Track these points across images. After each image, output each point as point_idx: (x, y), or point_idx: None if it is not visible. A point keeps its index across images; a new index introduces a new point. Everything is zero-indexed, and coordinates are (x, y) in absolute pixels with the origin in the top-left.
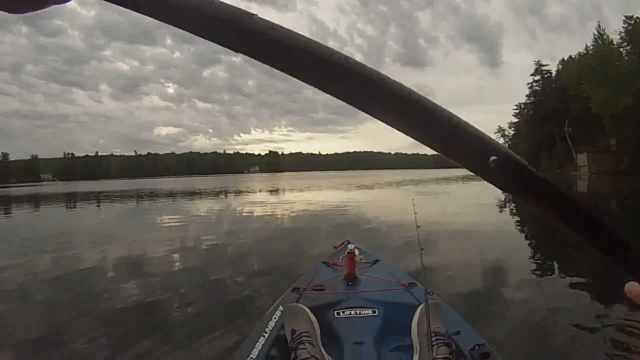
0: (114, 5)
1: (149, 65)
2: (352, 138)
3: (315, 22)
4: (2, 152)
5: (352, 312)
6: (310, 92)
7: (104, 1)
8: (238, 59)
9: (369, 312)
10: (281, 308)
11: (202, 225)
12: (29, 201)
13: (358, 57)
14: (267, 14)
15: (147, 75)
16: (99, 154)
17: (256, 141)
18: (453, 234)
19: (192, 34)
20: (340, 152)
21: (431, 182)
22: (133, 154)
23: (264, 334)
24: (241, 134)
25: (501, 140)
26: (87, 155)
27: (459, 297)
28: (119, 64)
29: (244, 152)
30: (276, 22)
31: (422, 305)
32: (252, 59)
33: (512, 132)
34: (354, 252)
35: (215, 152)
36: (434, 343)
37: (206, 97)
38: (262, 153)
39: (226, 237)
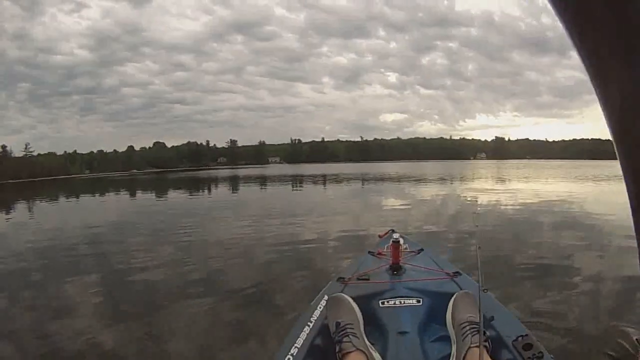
0: (322, 5)
1: (367, 57)
2: (578, 123)
3: None
4: (230, 139)
5: (397, 302)
6: (532, 74)
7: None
8: (455, 44)
9: (413, 301)
10: (326, 297)
11: (424, 209)
12: (258, 181)
13: None
14: None
15: (366, 66)
16: (325, 139)
17: (482, 126)
18: None
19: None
20: (567, 139)
21: None
22: (359, 139)
23: (309, 323)
24: (466, 119)
25: None
26: (313, 141)
27: None
28: (338, 58)
29: (469, 137)
30: None
31: (455, 294)
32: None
33: None
34: (399, 241)
35: (442, 138)
36: (468, 332)
37: (428, 84)
38: (488, 139)
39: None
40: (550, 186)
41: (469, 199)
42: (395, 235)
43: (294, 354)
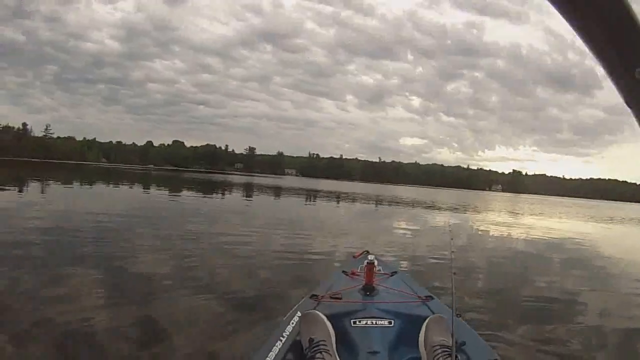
0: (353, 24)
1: (393, 79)
2: (595, 162)
3: (551, 34)
4: (249, 146)
5: (369, 322)
6: (554, 110)
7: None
8: (481, 73)
9: (385, 322)
10: (299, 314)
11: (436, 236)
12: (272, 191)
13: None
14: (500, 27)
15: (391, 88)
16: (343, 156)
17: (500, 158)
18: None
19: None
20: (584, 177)
21: None
22: (377, 160)
23: (281, 338)
24: (485, 150)
25: None
26: (331, 157)
27: None
28: (364, 77)
29: (487, 168)
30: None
31: (428, 318)
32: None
33: None
34: (374, 262)
35: (459, 166)
36: (440, 355)
37: (450, 111)
38: (506, 172)
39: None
40: (564, 224)
41: (479, 229)
42: (370, 257)
43: None
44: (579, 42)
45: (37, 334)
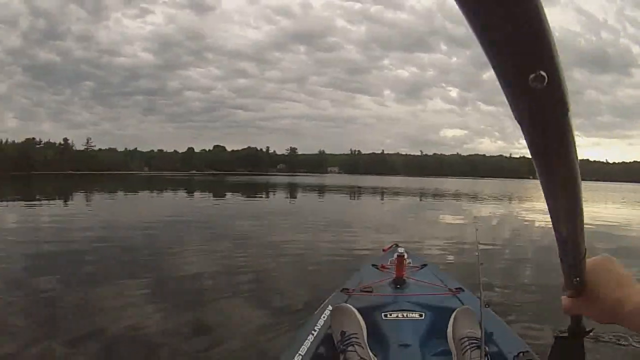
0: (383, 19)
1: (429, 71)
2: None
3: (582, 13)
4: (290, 147)
5: (399, 315)
6: (593, 93)
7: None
8: None
9: (416, 315)
10: (330, 307)
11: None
12: (316, 189)
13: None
14: None
15: (428, 80)
16: (385, 152)
17: None
18: None
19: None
20: (627, 160)
21: None
22: (419, 153)
23: (313, 332)
24: None
25: None
26: (373, 153)
27: None
28: (399, 71)
29: (529, 156)
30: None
31: (456, 310)
32: None
33: None
34: (404, 255)
35: (501, 156)
36: (468, 347)
37: (489, 100)
38: None
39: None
40: (611, 211)
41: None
42: (400, 250)
43: None
44: (612, 20)
45: (90, 336)
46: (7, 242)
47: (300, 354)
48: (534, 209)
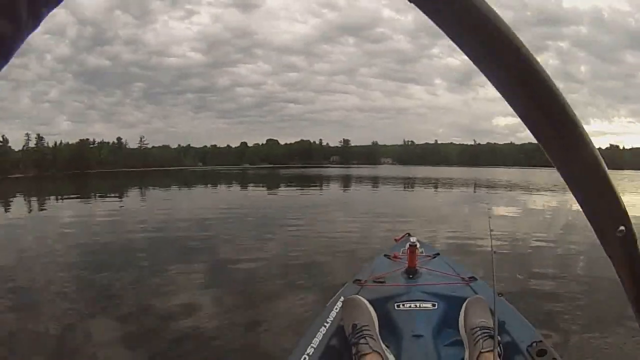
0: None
1: None
2: None
3: None
4: (343, 139)
5: (412, 305)
6: None
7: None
8: (565, 43)
9: (429, 305)
10: (342, 299)
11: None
12: (367, 180)
13: None
14: None
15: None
16: (438, 141)
17: (596, 133)
18: None
19: None
20: None
21: None
22: (472, 142)
23: (325, 324)
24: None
25: None
26: (426, 143)
27: None
28: (449, 59)
29: None
30: None
31: (467, 299)
32: None
33: None
34: (416, 245)
35: None
36: (480, 337)
37: None
38: (603, 147)
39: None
40: None
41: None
42: (412, 239)
43: (310, 354)
44: None
45: (143, 315)
46: (67, 234)
47: (312, 346)
48: None
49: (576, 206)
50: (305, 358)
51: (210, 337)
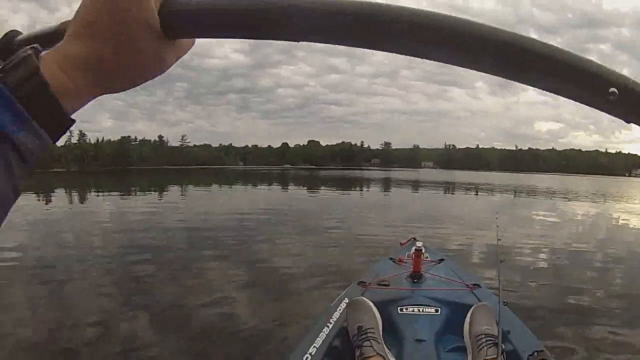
0: (469, 9)
1: None
2: None
3: None
4: (385, 142)
5: (415, 309)
6: None
7: None
8: (607, 46)
9: (432, 310)
10: (346, 300)
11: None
12: (407, 184)
13: None
14: None
15: None
16: (480, 146)
17: (638, 140)
18: None
19: None
20: None
21: None
22: (514, 147)
23: (329, 324)
24: (622, 131)
25: None
26: (467, 147)
27: None
28: None
29: (625, 151)
30: None
31: (473, 306)
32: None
33: None
34: (421, 249)
35: (597, 150)
36: (484, 344)
37: None
38: None
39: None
40: None
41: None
42: (418, 244)
43: (312, 354)
44: None
45: (175, 308)
46: (107, 228)
47: (315, 346)
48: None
49: (610, 221)
50: (307, 357)
51: (236, 330)
